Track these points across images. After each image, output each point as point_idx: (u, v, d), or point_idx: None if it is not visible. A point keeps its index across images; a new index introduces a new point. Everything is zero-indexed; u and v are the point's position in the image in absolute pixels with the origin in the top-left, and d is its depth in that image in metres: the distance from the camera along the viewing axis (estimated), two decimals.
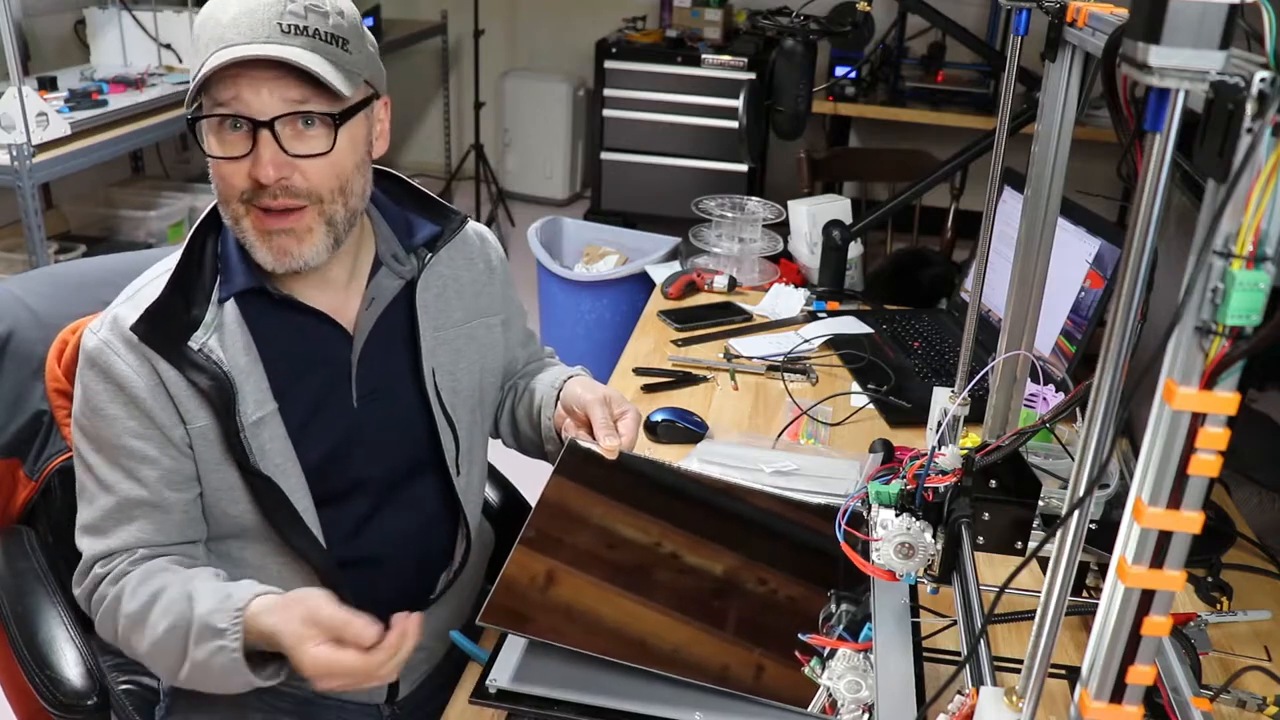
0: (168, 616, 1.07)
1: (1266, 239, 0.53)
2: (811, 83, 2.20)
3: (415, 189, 1.29)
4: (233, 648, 1.03)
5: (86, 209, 3.52)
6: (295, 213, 1.09)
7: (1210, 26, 0.53)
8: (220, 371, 1.11)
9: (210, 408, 1.11)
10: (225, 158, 1.07)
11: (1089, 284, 1.76)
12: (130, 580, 1.11)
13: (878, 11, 2.42)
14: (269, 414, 1.14)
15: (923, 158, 3.20)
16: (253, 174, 1.06)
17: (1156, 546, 0.59)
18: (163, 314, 1.10)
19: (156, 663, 1.11)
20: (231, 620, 1.03)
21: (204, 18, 1.07)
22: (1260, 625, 1.27)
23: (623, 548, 1.17)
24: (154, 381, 1.10)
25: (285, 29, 1.05)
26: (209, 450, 1.13)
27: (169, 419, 1.11)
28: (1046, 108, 1.10)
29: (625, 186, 4.66)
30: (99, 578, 1.13)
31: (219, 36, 1.05)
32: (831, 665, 1.03)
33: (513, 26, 5.26)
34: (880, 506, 1.03)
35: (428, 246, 1.26)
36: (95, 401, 1.12)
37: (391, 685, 1.29)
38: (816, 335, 2.03)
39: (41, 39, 3.67)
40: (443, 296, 1.27)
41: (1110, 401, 0.65)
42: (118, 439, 1.11)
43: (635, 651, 1.03)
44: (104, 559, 1.14)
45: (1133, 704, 0.63)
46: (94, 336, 1.12)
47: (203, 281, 1.14)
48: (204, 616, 1.05)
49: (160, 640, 1.07)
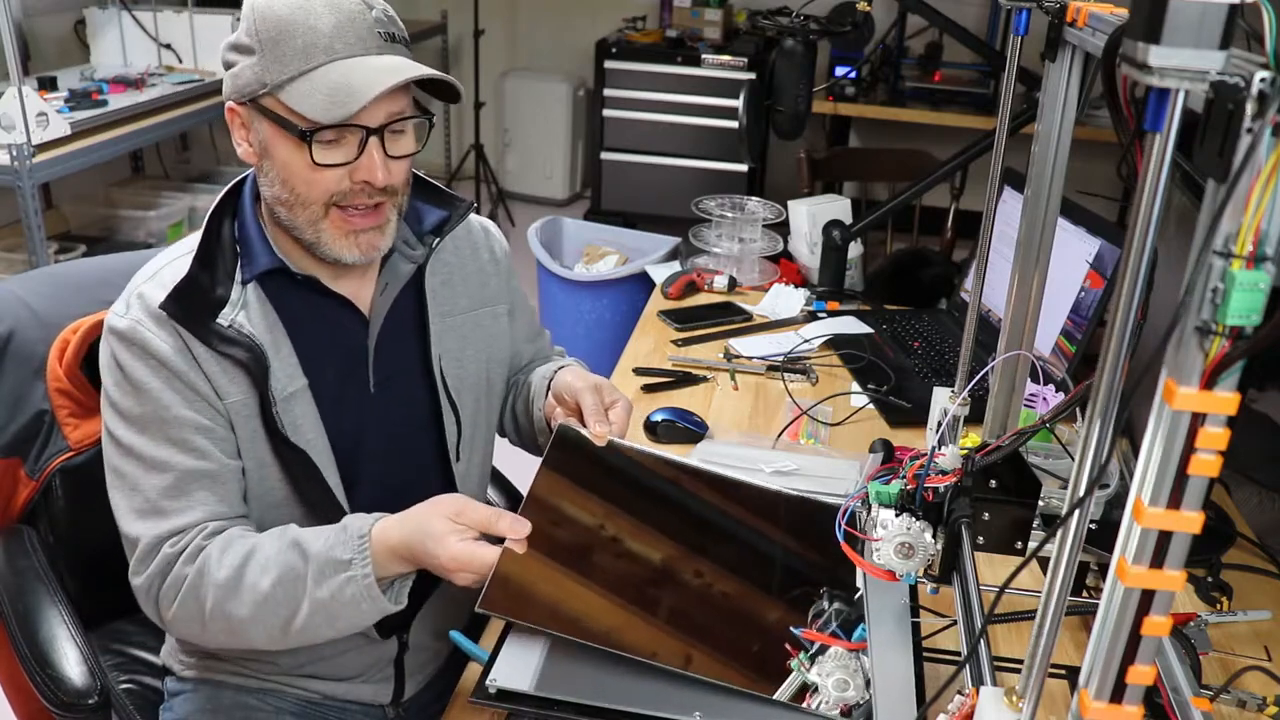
0: (271, 571, 1.07)
1: (1266, 239, 0.53)
2: (811, 83, 2.20)
3: (420, 178, 1.30)
4: (364, 574, 1.04)
5: (86, 209, 3.52)
6: (378, 209, 1.13)
7: (1210, 26, 0.53)
8: (254, 343, 1.11)
9: (246, 379, 1.12)
10: (335, 165, 1.08)
11: (1089, 284, 1.76)
12: (211, 552, 1.08)
13: (878, 11, 2.42)
14: (300, 389, 1.15)
15: (923, 158, 3.20)
16: (361, 178, 1.09)
17: (1156, 546, 0.59)
18: (190, 291, 1.11)
19: (261, 624, 1.08)
20: (357, 549, 1.05)
21: (288, 20, 1.06)
22: (1260, 625, 1.27)
23: (609, 544, 1.17)
24: (188, 356, 1.10)
25: (384, 37, 1.09)
26: (244, 425, 1.13)
27: (209, 390, 1.11)
28: (1046, 108, 1.10)
29: (625, 186, 4.66)
30: (170, 559, 1.09)
31: (324, 47, 1.05)
32: (821, 661, 1.03)
33: (513, 26, 5.26)
34: (880, 506, 1.03)
35: (435, 232, 1.27)
36: (136, 378, 1.10)
37: (396, 686, 1.29)
38: (816, 335, 2.03)
39: (41, 39, 3.67)
40: (449, 284, 1.29)
41: (1110, 401, 0.65)
42: (166, 412, 1.10)
43: (615, 639, 1.03)
44: (173, 538, 1.10)
45: (1133, 704, 0.64)
46: (122, 318, 1.12)
47: (224, 263, 1.15)
48: (323, 554, 1.06)
49: (267, 597, 1.06)
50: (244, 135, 1.12)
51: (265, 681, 1.25)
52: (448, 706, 1.11)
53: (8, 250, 3.14)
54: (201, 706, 1.25)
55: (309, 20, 1.05)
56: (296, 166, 1.08)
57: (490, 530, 1.05)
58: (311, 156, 1.07)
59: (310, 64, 1.05)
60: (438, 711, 1.13)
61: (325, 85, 1.05)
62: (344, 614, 1.07)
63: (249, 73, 1.08)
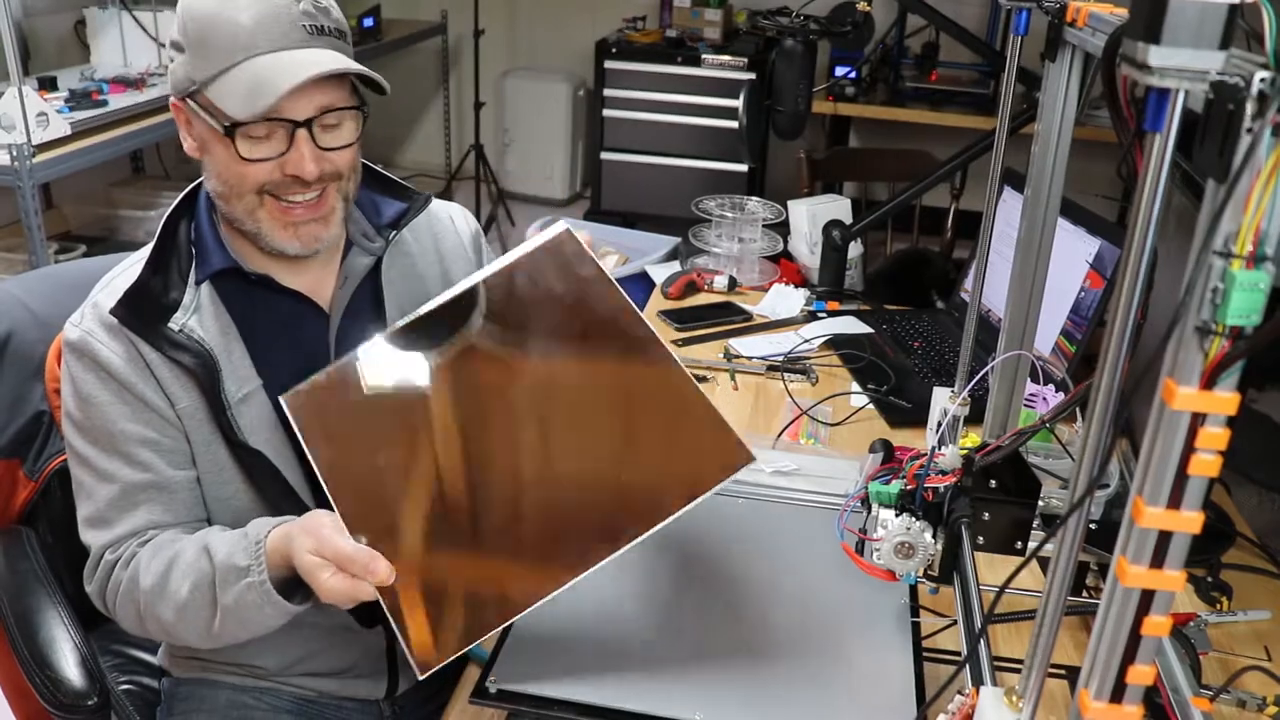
0: (189, 577, 1.07)
1: (1266, 239, 0.53)
2: (811, 83, 2.20)
3: (379, 173, 1.30)
4: (260, 580, 1.03)
5: (86, 209, 3.52)
6: (320, 199, 1.12)
7: (1210, 26, 0.53)
8: (203, 349, 1.11)
9: (196, 386, 1.12)
10: (263, 159, 1.08)
11: (1089, 284, 1.76)
12: (142, 558, 1.10)
13: (878, 11, 2.42)
14: (253, 390, 1.15)
15: (923, 158, 3.20)
16: (290, 171, 1.09)
17: (1156, 546, 0.59)
18: (140, 296, 1.11)
19: (187, 628, 1.10)
20: (254, 556, 1.04)
21: (212, 17, 1.06)
22: (1260, 625, 1.27)
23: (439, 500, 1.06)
24: (139, 364, 1.11)
25: (310, 30, 1.08)
26: (197, 430, 1.13)
27: (159, 400, 1.12)
28: (1046, 108, 1.10)
29: (625, 186, 4.66)
30: (110, 565, 1.13)
31: (244, 44, 1.05)
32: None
33: (513, 26, 5.25)
34: (880, 506, 1.03)
35: (393, 226, 1.27)
36: (84, 391, 1.12)
37: (391, 682, 1.29)
38: (816, 335, 2.03)
39: (41, 39, 3.67)
40: (409, 276, 1.28)
41: (1110, 401, 0.65)
42: (113, 425, 1.11)
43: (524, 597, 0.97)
44: (113, 546, 1.13)
45: (1133, 704, 0.64)
46: (75, 329, 1.13)
47: (179, 265, 1.15)
48: (225, 560, 1.06)
49: (186, 602, 1.07)
50: (188, 130, 1.14)
51: (261, 680, 1.25)
52: (447, 706, 1.11)
53: (8, 250, 3.13)
54: (198, 706, 1.25)
55: (232, 15, 1.06)
56: (226, 161, 1.09)
57: (348, 570, 0.99)
58: (237, 151, 1.07)
59: (231, 61, 1.06)
60: (433, 707, 1.13)
61: (243, 81, 1.05)
62: (250, 617, 1.07)
63: (181, 70, 1.10)
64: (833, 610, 1.15)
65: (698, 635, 1.10)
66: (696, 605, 1.16)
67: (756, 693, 1.02)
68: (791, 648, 1.08)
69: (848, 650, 1.08)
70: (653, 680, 1.02)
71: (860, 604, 1.15)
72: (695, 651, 1.07)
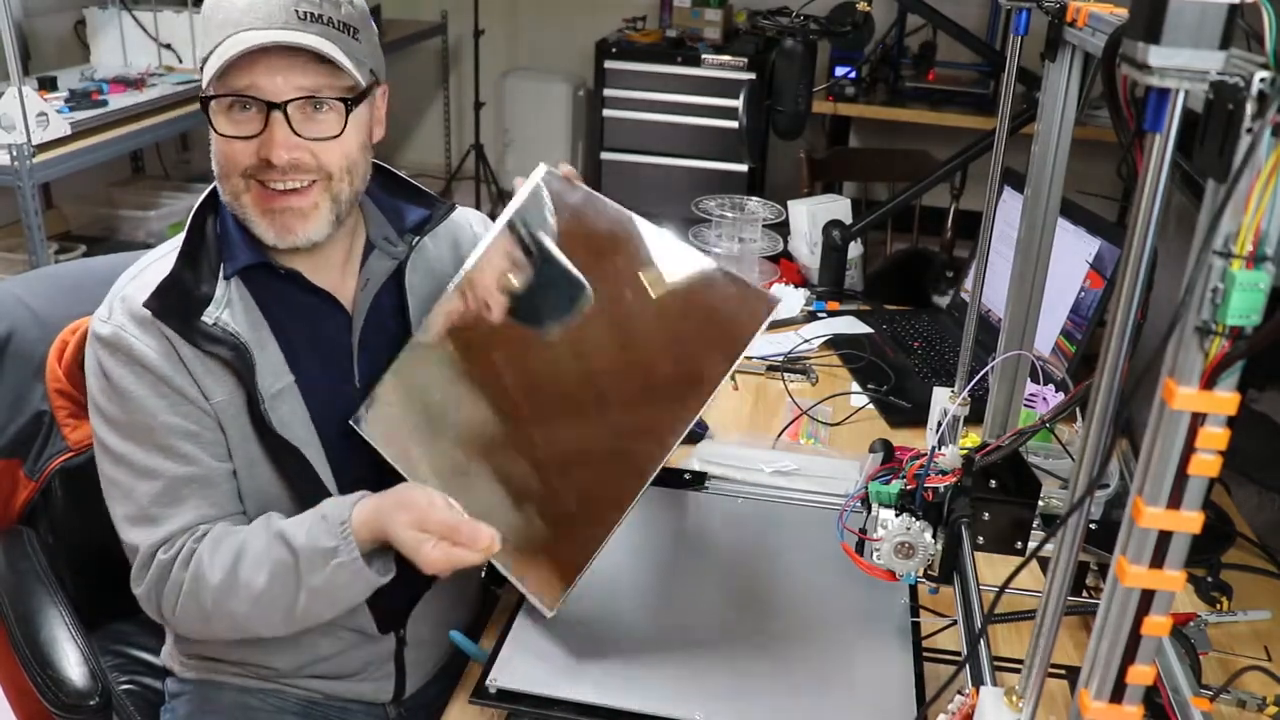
0: (263, 566, 1.08)
1: (1266, 239, 0.53)
2: (811, 83, 2.20)
3: (404, 179, 1.31)
4: (350, 559, 1.06)
5: (86, 209, 3.52)
6: (301, 191, 1.11)
7: (1210, 26, 0.53)
8: (238, 342, 1.11)
9: (231, 379, 1.12)
10: (237, 136, 1.08)
11: (1089, 284, 1.76)
12: (202, 555, 1.10)
13: (878, 11, 2.42)
14: (287, 386, 1.15)
15: (923, 158, 3.20)
16: (263, 154, 1.08)
17: (1156, 546, 0.59)
18: (174, 290, 1.11)
19: (263, 618, 1.11)
20: (340, 537, 1.06)
21: (214, 1, 1.09)
22: (1260, 625, 1.27)
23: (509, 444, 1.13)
24: (174, 358, 1.10)
25: (301, 16, 1.08)
26: (232, 423, 1.13)
27: (195, 393, 1.11)
28: (1046, 108, 1.10)
29: (625, 186, 4.65)
30: (165, 565, 1.11)
31: (234, 21, 1.07)
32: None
33: (513, 26, 5.25)
34: (880, 506, 1.03)
35: (416, 231, 1.27)
36: (120, 386, 1.11)
37: (397, 683, 1.29)
38: (816, 335, 2.03)
39: (41, 39, 3.67)
40: (430, 279, 1.28)
41: (1110, 401, 0.65)
42: (153, 419, 1.11)
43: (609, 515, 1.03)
44: (164, 545, 1.12)
45: (1133, 704, 0.64)
46: (105, 324, 1.12)
47: (208, 259, 1.15)
48: (308, 544, 1.07)
49: (264, 592, 1.08)
50: None
51: (267, 682, 1.25)
52: (447, 706, 1.11)
53: (8, 250, 3.13)
54: (202, 707, 1.25)
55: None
56: (214, 140, 1.11)
57: (453, 539, 1.04)
58: (211, 125, 1.08)
59: (221, 37, 1.07)
60: (439, 709, 1.13)
61: (218, 54, 1.06)
62: (340, 596, 1.10)
63: (201, 51, 1.12)
64: (833, 610, 1.15)
65: (698, 635, 1.10)
66: (696, 605, 1.16)
67: (756, 692, 1.02)
68: (791, 647, 1.08)
69: (848, 650, 1.08)
70: (653, 680, 1.02)
71: (860, 604, 1.15)
72: (695, 651, 1.07)
